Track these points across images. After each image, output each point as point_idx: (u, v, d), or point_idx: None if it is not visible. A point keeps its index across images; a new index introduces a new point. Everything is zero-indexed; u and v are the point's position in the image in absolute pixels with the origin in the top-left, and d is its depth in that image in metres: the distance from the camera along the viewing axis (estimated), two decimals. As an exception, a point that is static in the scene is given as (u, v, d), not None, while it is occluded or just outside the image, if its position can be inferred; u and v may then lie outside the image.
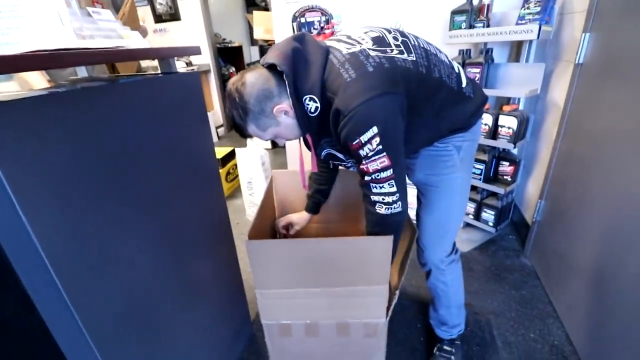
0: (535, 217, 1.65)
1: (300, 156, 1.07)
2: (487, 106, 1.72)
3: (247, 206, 2.41)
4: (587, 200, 1.26)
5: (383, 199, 0.83)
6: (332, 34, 2.12)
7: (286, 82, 0.79)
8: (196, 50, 0.91)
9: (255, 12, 3.18)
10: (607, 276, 1.11)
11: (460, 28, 1.69)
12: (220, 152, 2.74)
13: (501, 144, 1.67)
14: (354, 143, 0.78)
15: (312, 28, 2.15)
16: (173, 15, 4.15)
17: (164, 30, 4.28)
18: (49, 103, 0.58)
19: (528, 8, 1.51)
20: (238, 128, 0.88)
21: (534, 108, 1.80)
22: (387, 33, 0.86)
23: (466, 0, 1.68)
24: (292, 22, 2.18)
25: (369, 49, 0.80)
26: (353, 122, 0.76)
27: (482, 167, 1.79)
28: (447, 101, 0.89)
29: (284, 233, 1.32)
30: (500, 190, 1.75)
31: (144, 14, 4.24)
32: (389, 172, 0.80)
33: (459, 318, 1.20)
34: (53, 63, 0.54)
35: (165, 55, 0.83)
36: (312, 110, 0.83)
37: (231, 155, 2.81)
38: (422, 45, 0.88)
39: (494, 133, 1.69)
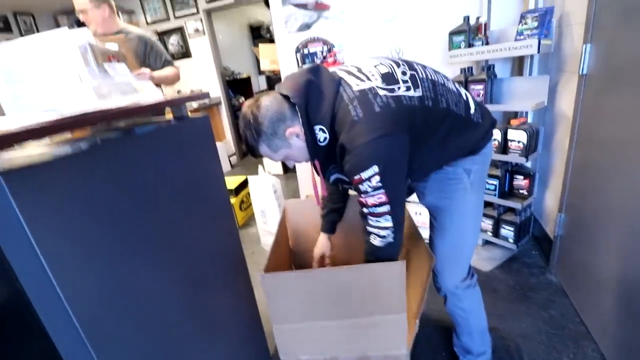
0: (557, 231, 1.60)
1: (312, 176, 1.09)
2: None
3: (261, 234, 2.42)
4: (607, 211, 1.22)
5: (378, 232, 0.87)
6: (335, 62, 2.18)
7: (298, 113, 0.84)
8: (205, 96, 0.96)
9: (260, 45, 3.32)
10: (637, 292, 1.05)
11: (460, 47, 1.72)
12: (233, 181, 2.80)
13: (513, 158, 1.65)
14: (355, 178, 0.82)
15: (314, 58, 2.22)
16: (184, 53, 4.38)
17: (176, 67, 4.49)
18: (71, 161, 0.63)
19: (526, 23, 1.52)
20: (250, 148, 0.91)
21: (543, 120, 1.78)
22: (395, 67, 0.88)
23: (463, 20, 1.71)
24: (296, 53, 2.27)
25: (378, 87, 0.83)
26: (356, 159, 0.80)
27: (495, 182, 1.76)
28: (455, 128, 0.91)
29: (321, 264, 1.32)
30: (517, 205, 1.72)
31: (157, 55, 4.48)
32: (386, 208, 0.84)
33: (483, 345, 1.15)
34: (76, 126, 0.59)
35: (177, 104, 0.88)
36: (322, 140, 0.88)
37: (244, 185, 2.86)
38: (429, 77, 0.90)
39: (504, 148, 1.67)
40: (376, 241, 0.88)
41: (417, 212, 2.01)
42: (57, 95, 0.80)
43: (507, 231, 1.82)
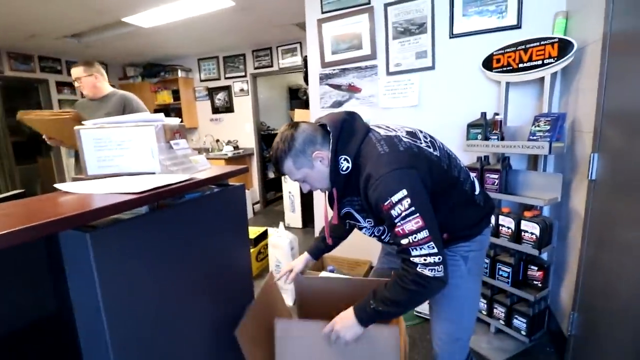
0: (570, 330, 1.56)
1: (324, 211, 1.16)
2: (508, 209, 1.80)
3: (274, 289, 2.47)
4: (618, 313, 1.22)
5: (425, 260, 0.83)
6: (362, 136, 2.39)
7: (331, 140, 0.96)
8: (244, 170, 1.14)
9: (296, 110, 3.68)
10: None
11: (476, 139, 1.87)
12: (254, 232, 2.93)
13: (525, 248, 1.68)
14: (385, 204, 0.84)
15: (344, 131, 2.45)
16: (228, 108, 4.85)
17: (219, 119, 4.96)
18: (133, 222, 0.78)
19: (538, 126, 1.66)
20: (276, 160, 0.99)
21: (558, 214, 1.84)
22: (419, 132, 1.04)
23: (480, 115, 1.89)
24: (328, 124, 2.51)
25: (403, 136, 0.97)
26: (384, 184, 0.85)
27: (508, 270, 1.78)
28: (460, 201, 1.01)
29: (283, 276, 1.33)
30: (530, 296, 1.70)
31: (205, 107, 5.01)
32: (425, 233, 0.83)
33: None
34: (150, 201, 0.75)
35: (223, 178, 1.05)
36: (344, 168, 0.96)
37: (264, 235, 2.98)
38: (446, 149, 1.05)
39: (517, 237, 1.72)
40: (425, 270, 0.83)
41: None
42: (133, 163, 1.00)
43: (519, 322, 1.79)
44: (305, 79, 2.93)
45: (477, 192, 1.06)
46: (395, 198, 0.83)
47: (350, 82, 2.38)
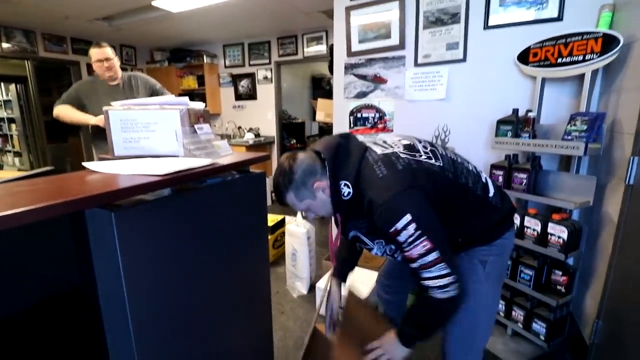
0: (592, 338, 1.50)
1: (330, 234, 1.16)
2: (534, 211, 1.73)
3: (288, 276, 2.50)
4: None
5: (436, 283, 0.83)
6: (384, 129, 2.35)
7: (327, 167, 0.95)
8: (266, 158, 1.13)
9: (319, 100, 3.63)
10: None
11: (506, 136, 1.79)
12: (271, 219, 2.95)
13: (551, 252, 1.62)
14: (391, 231, 0.84)
15: (366, 122, 2.41)
16: (251, 95, 4.87)
17: (242, 106, 5.00)
18: (156, 204, 0.80)
19: (574, 125, 1.57)
20: (279, 194, 1.00)
21: (589, 219, 1.75)
22: (417, 142, 1.00)
23: (512, 112, 1.80)
24: (349, 115, 2.47)
25: (400, 152, 0.94)
26: (387, 212, 0.84)
27: (531, 272, 1.72)
28: (473, 207, 0.96)
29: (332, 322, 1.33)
30: (552, 301, 1.64)
31: (228, 93, 5.05)
32: (435, 255, 0.82)
33: None
34: (173, 184, 0.76)
35: (244, 165, 1.06)
36: (345, 194, 0.95)
37: (281, 223, 3.00)
38: (449, 156, 1.00)
39: (542, 240, 1.65)
40: (438, 293, 0.83)
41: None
42: (157, 145, 1.01)
43: (539, 326, 1.73)
44: (330, 68, 2.88)
45: (491, 194, 1.00)
46: (400, 224, 0.82)
47: (376, 73, 2.32)
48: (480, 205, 0.98)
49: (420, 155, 0.94)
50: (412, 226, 0.81)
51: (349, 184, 0.93)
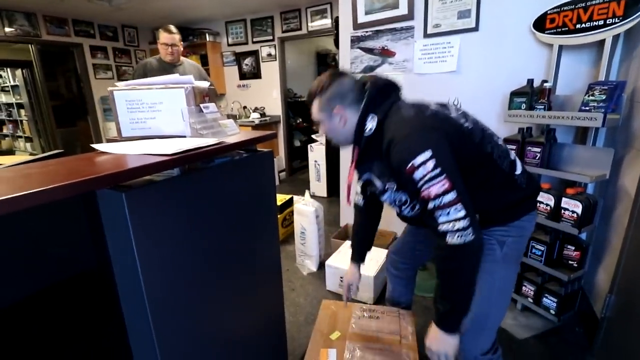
0: (604, 312, 1.50)
1: (350, 174, 1.12)
2: (548, 185, 1.69)
3: (297, 254, 2.54)
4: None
5: (453, 226, 0.79)
6: (393, 104, 2.28)
7: (365, 99, 0.96)
8: (273, 136, 1.11)
9: (325, 77, 3.55)
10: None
11: (520, 109, 1.73)
12: (280, 198, 2.97)
13: (564, 227, 1.59)
14: (407, 167, 0.81)
15: (374, 98, 2.35)
16: (255, 74, 4.79)
17: (246, 85, 4.93)
18: (166, 183, 0.79)
19: (592, 95, 1.50)
20: (308, 97, 1.04)
21: (604, 192, 1.70)
22: (452, 105, 1.00)
23: (527, 83, 1.73)
24: (357, 91, 2.41)
25: (432, 104, 0.97)
26: (407, 145, 0.83)
27: (543, 248, 1.70)
28: (494, 179, 0.94)
29: (348, 296, 1.38)
30: (563, 276, 1.64)
31: (232, 72, 4.96)
32: (453, 195, 0.78)
33: None
34: (180, 163, 0.75)
35: (251, 143, 1.04)
36: (367, 130, 0.96)
37: (289, 203, 3.02)
38: (480, 125, 0.98)
39: (555, 214, 1.63)
40: (454, 239, 0.79)
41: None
42: (164, 125, 1.00)
43: (549, 301, 1.74)
44: (336, 43, 2.79)
45: (517, 172, 0.97)
46: (418, 160, 0.79)
47: (383, 45, 2.24)
48: (504, 181, 0.95)
49: (452, 113, 0.95)
50: (432, 162, 0.79)
51: (375, 118, 0.94)
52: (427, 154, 0.79)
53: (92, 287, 0.99)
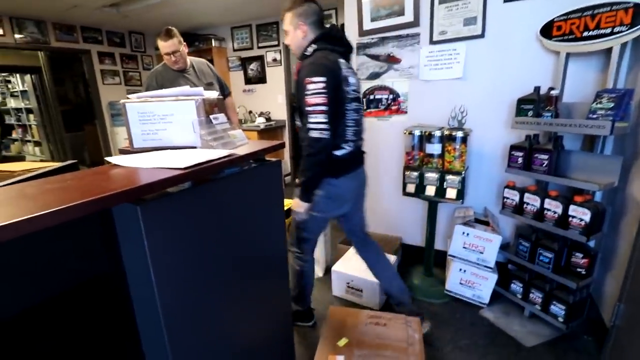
0: (613, 321, 1.49)
1: None
2: (556, 193, 1.68)
3: (304, 260, 2.54)
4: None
5: (317, 126, 1.28)
6: (398, 110, 2.30)
7: (320, 33, 1.42)
8: (281, 146, 1.13)
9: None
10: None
11: (527, 116, 1.72)
12: (286, 203, 2.97)
13: (572, 235, 1.59)
14: (307, 79, 1.28)
15: (379, 104, 2.36)
16: (261, 79, 4.82)
17: (252, 90, 4.96)
18: (178, 196, 0.81)
19: (600, 102, 1.50)
20: (284, 9, 1.43)
21: (613, 199, 1.70)
22: (355, 75, 1.51)
23: (534, 90, 1.73)
24: (362, 97, 2.42)
25: (342, 64, 1.40)
26: (314, 67, 1.30)
27: (551, 256, 1.70)
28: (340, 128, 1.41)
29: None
30: (571, 284, 1.63)
31: (238, 77, 5.00)
32: (323, 108, 1.27)
33: None
34: (193, 177, 0.77)
35: (260, 154, 1.05)
36: (307, 52, 1.41)
37: (295, 208, 3.02)
38: (361, 113, 1.54)
39: (563, 221, 1.62)
40: (315, 133, 1.28)
41: (465, 233, 1.96)
42: (175, 137, 1.02)
43: (557, 308, 1.72)
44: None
45: (347, 149, 1.44)
46: (315, 79, 1.27)
47: (389, 52, 2.25)
48: (340, 141, 1.42)
49: (350, 76, 1.43)
50: (321, 84, 1.26)
51: (315, 47, 1.40)
52: (323, 79, 1.27)
53: (104, 292, 1.01)
